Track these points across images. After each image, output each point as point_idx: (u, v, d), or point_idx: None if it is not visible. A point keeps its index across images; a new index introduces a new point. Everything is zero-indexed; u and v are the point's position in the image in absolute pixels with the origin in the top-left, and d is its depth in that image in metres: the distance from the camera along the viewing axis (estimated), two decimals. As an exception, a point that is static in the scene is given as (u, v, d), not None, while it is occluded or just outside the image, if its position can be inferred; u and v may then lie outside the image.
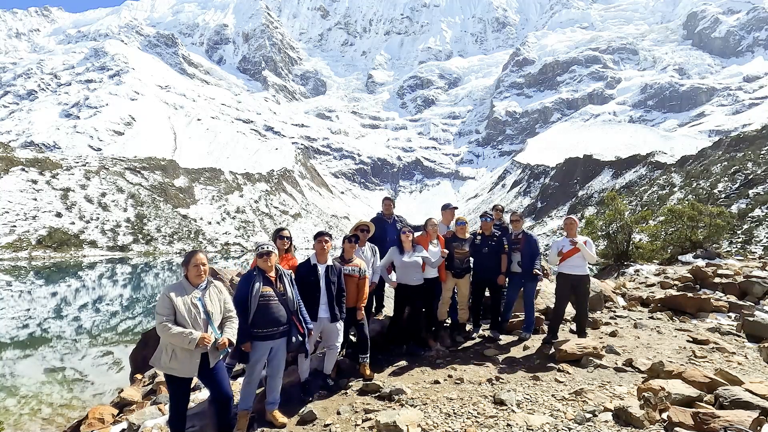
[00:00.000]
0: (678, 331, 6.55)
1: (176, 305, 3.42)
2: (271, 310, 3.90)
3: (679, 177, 75.37)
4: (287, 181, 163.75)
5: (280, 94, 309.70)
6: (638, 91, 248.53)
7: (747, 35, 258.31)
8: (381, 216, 6.59)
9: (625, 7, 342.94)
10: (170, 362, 3.42)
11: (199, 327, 3.46)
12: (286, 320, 4.00)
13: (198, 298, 3.53)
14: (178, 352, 3.41)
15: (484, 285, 6.28)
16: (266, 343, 3.92)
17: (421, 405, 4.13)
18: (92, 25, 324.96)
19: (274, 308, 3.93)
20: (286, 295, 4.03)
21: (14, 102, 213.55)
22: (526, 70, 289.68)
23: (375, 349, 5.56)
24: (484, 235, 6.22)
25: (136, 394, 6.42)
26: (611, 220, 16.29)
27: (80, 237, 71.91)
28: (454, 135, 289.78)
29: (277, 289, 4.01)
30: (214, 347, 3.50)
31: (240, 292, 3.93)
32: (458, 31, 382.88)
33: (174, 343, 3.38)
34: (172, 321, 3.40)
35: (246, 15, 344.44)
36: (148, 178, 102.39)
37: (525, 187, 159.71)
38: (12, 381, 10.71)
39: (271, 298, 3.94)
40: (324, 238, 4.69)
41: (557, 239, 6.21)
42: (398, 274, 5.68)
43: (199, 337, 3.35)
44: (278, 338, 3.97)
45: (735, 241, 38.87)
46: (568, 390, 4.29)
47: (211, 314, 3.54)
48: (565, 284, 5.90)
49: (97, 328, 17.15)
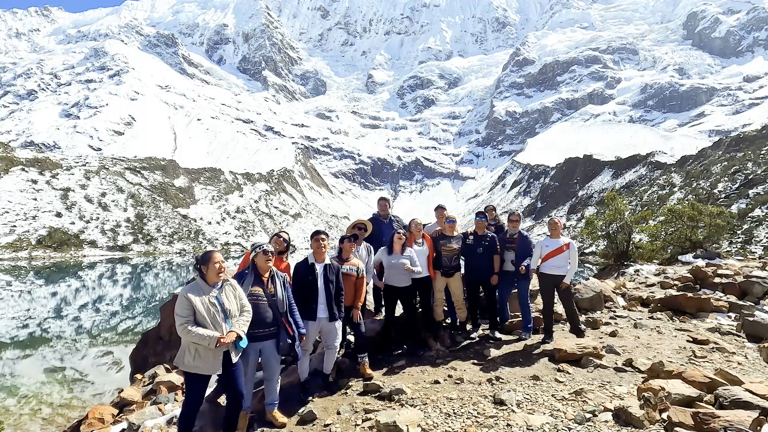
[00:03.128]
0: (678, 331, 6.55)
1: (195, 306, 3.46)
2: (258, 310, 3.90)
3: (679, 177, 75.35)
4: (287, 181, 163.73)
5: (280, 94, 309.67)
6: (638, 91, 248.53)
7: (747, 35, 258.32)
8: (377, 216, 6.58)
9: (625, 7, 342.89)
10: (194, 361, 3.48)
11: (218, 325, 3.51)
12: (273, 321, 3.97)
13: (215, 297, 3.58)
14: (201, 351, 3.47)
15: (479, 285, 6.27)
16: (253, 344, 3.91)
17: (421, 405, 4.13)
18: (92, 25, 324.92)
19: (262, 309, 3.92)
20: (276, 297, 4.02)
21: (14, 102, 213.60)
22: (526, 70, 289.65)
23: (375, 349, 5.56)
24: (477, 235, 6.20)
25: (136, 394, 6.41)
26: (611, 220, 16.28)
27: (80, 237, 71.89)
28: (454, 135, 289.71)
29: (268, 290, 4.01)
30: (233, 344, 3.57)
31: None
32: (458, 31, 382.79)
33: (196, 343, 3.43)
34: (192, 322, 3.44)
35: (246, 15, 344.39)
36: (148, 178, 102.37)
37: (525, 187, 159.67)
38: (12, 381, 10.71)
39: (260, 298, 3.94)
40: (321, 236, 4.68)
41: (540, 240, 6.26)
42: (386, 274, 5.69)
43: (216, 339, 3.41)
44: (265, 340, 3.96)
45: (735, 241, 38.85)
46: (568, 390, 4.29)
47: (229, 312, 3.60)
48: (547, 283, 6.01)
49: (97, 328, 17.14)
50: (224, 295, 3.63)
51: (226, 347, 3.53)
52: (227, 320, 3.57)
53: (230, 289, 3.72)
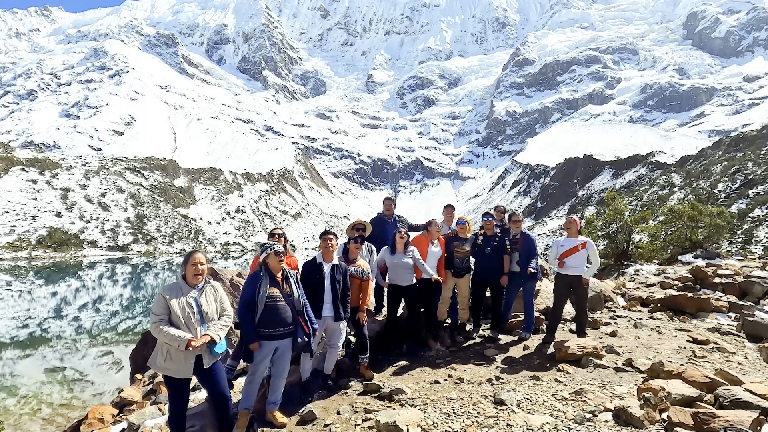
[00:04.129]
0: (678, 331, 6.55)
1: (171, 305, 3.42)
2: (278, 311, 3.91)
3: (679, 177, 75.39)
4: (287, 181, 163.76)
5: (280, 94, 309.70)
6: (638, 91, 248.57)
7: (747, 35, 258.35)
8: (382, 216, 6.60)
9: (625, 7, 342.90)
10: (165, 363, 3.43)
11: (193, 327, 3.45)
12: (292, 321, 4.00)
13: (194, 298, 3.53)
14: (172, 353, 3.42)
15: (486, 285, 6.28)
16: (271, 343, 3.93)
17: (421, 405, 4.13)
18: (92, 25, 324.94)
19: (281, 309, 3.93)
20: (292, 296, 4.04)
21: (14, 102, 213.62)
22: (526, 70, 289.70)
23: (375, 349, 5.56)
24: (486, 235, 6.22)
25: (136, 394, 6.41)
26: (611, 220, 16.26)
27: (80, 237, 71.90)
28: (454, 135, 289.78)
29: (284, 289, 4.02)
30: (207, 348, 3.50)
31: (247, 294, 3.93)
32: (458, 31, 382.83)
33: (167, 343, 3.38)
34: (166, 321, 3.39)
35: (246, 15, 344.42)
36: (148, 178, 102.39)
37: (525, 187, 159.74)
38: (12, 381, 10.71)
39: (278, 299, 3.94)
40: (329, 237, 4.71)
41: (557, 239, 6.22)
42: (389, 274, 5.71)
43: (187, 340, 3.33)
44: (283, 338, 3.98)
45: (735, 241, 38.86)
46: (568, 390, 4.29)
47: (206, 314, 3.54)
48: (563, 284, 5.94)
49: (97, 328, 17.15)
50: (204, 297, 3.59)
51: (199, 351, 3.45)
52: (204, 323, 3.51)
53: (212, 291, 3.68)
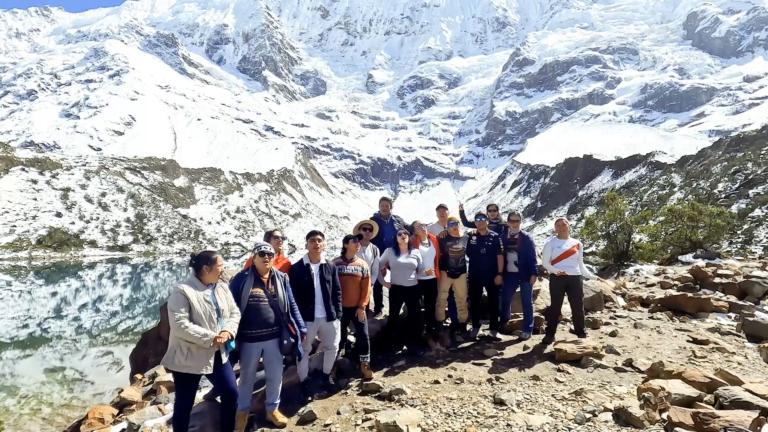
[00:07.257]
0: (678, 331, 6.55)
1: (192, 302, 3.44)
2: (260, 311, 3.91)
3: (679, 177, 75.39)
4: (287, 181, 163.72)
5: (280, 94, 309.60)
6: (638, 91, 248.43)
7: (747, 35, 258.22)
8: (378, 216, 6.56)
9: (625, 7, 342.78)
10: (186, 360, 3.43)
11: (213, 324, 3.52)
12: (275, 321, 3.98)
13: (210, 295, 3.59)
14: (194, 350, 3.44)
15: (482, 285, 6.29)
16: (256, 344, 3.93)
17: (421, 405, 4.13)
18: (92, 25, 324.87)
19: (264, 309, 3.93)
20: (276, 297, 4.02)
21: (14, 102, 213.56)
22: (526, 70, 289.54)
23: (375, 349, 5.55)
24: (480, 236, 6.22)
25: (136, 394, 6.41)
26: (611, 220, 16.28)
27: (80, 237, 71.90)
28: (454, 135, 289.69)
29: (268, 290, 4.01)
30: (224, 344, 3.59)
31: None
32: (458, 31, 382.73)
33: (190, 341, 3.40)
34: (188, 318, 3.42)
35: (246, 15, 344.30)
36: (148, 178, 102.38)
37: (525, 187, 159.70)
38: (12, 381, 10.71)
39: (261, 299, 3.94)
40: (317, 237, 4.67)
41: (549, 240, 6.25)
42: (392, 274, 5.68)
43: (213, 338, 3.41)
44: (268, 339, 3.96)
45: (735, 241, 38.86)
46: (568, 390, 4.29)
47: (222, 311, 3.62)
48: (558, 284, 5.99)
49: (97, 328, 17.15)
50: (217, 295, 3.65)
51: (218, 347, 3.54)
52: (219, 320, 3.58)
53: (222, 289, 3.74)
